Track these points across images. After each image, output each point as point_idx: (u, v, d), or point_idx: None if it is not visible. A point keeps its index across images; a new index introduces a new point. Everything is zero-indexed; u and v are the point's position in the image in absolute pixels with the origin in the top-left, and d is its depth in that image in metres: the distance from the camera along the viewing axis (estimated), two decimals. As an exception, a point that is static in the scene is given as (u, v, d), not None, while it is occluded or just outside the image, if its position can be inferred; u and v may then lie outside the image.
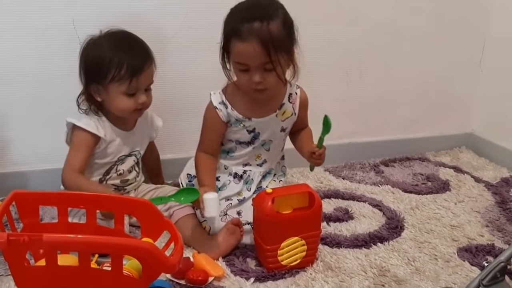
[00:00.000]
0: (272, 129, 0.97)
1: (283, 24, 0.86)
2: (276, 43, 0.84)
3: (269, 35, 0.83)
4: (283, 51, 0.86)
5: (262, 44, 0.83)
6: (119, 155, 0.98)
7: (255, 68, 0.86)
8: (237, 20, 0.85)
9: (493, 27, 1.41)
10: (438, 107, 1.47)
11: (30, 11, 1.03)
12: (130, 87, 0.91)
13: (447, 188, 1.24)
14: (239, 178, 0.99)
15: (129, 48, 0.92)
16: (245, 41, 0.83)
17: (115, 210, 0.73)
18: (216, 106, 0.95)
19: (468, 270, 0.90)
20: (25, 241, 0.56)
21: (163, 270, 0.62)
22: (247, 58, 0.85)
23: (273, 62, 0.84)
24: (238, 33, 0.84)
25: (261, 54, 0.83)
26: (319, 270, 0.88)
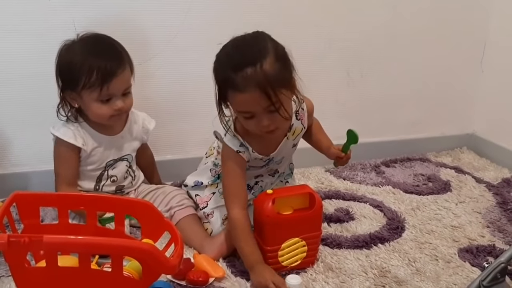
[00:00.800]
0: (285, 151, 0.95)
1: (275, 59, 0.80)
2: (275, 83, 0.79)
3: (265, 78, 0.78)
4: (283, 87, 0.81)
5: (262, 90, 0.78)
6: (107, 160, 0.96)
7: (260, 114, 0.81)
8: (228, 69, 0.79)
9: (494, 28, 1.41)
10: (439, 107, 1.47)
11: (31, 12, 1.03)
12: (102, 94, 0.88)
13: (448, 189, 1.24)
14: (250, 189, 0.97)
15: (99, 53, 0.88)
16: (243, 92, 0.78)
17: (115, 211, 0.73)
18: (239, 150, 0.88)
19: (468, 270, 0.89)
20: (26, 242, 0.56)
21: (163, 271, 0.62)
22: (250, 107, 0.81)
23: (275, 104, 0.79)
24: (233, 85, 0.79)
25: (263, 100, 0.79)
26: (319, 271, 0.88)
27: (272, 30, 1.29)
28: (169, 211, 0.97)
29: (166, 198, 0.99)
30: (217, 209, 0.96)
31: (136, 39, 1.09)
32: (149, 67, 1.12)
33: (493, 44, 1.42)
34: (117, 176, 0.99)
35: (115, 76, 0.88)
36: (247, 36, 0.83)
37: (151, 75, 1.13)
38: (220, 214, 0.95)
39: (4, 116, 1.08)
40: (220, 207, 0.95)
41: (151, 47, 1.13)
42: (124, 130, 0.99)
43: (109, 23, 1.06)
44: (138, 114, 1.03)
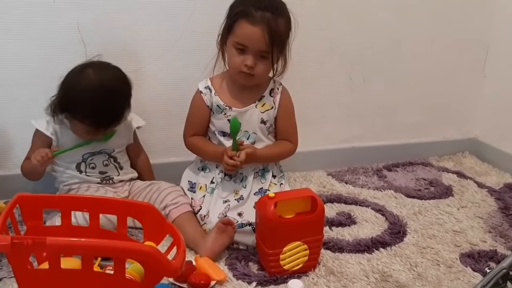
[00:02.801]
0: (252, 119, 1.00)
1: (286, 23, 0.93)
2: (279, 37, 0.91)
3: (277, 28, 0.90)
4: (280, 47, 0.93)
5: (269, 33, 0.89)
6: (82, 154, 1.00)
7: (252, 52, 0.91)
8: (250, 5, 0.90)
9: (497, 32, 1.41)
10: (442, 112, 1.47)
11: (35, 14, 1.04)
12: (88, 133, 0.96)
13: (450, 193, 1.24)
14: (230, 176, 1.00)
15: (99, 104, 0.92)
16: (255, 25, 0.89)
17: (118, 214, 0.73)
18: (202, 90, 1.00)
19: (470, 276, 0.89)
20: (29, 245, 0.56)
21: (165, 274, 0.62)
22: (250, 41, 0.90)
23: (272, 52, 0.91)
24: (249, 16, 0.90)
25: (264, 42, 0.89)
26: (321, 275, 0.88)
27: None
28: (164, 209, 0.97)
29: (161, 195, 0.99)
30: (212, 209, 0.96)
31: (138, 42, 1.10)
32: (150, 70, 1.12)
33: (496, 49, 1.42)
34: (96, 163, 1.02)
35: (101, 132, 0.97)
36: None
37: (153, 78, 1.14)
38: (215, 212, 0.95)
39: (7, 117, 1.09)
40: (213, 206, 0.97)
41: (153, 49, 1.13)
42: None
43: (112, 26, 1.07)
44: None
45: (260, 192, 0.99)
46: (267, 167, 1.03)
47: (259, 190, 1.00)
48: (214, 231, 0.90)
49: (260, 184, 1.01)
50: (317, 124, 1.35)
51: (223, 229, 0.89)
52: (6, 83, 1.06)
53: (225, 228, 0.89)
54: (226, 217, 0.92)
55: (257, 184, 1.01)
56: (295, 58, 1.27)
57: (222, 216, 0.94)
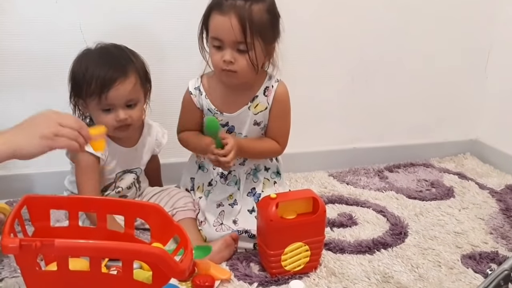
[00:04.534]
0: (245, 122, 0.94)
1: (267, 10, 0.85)
2: (255, 25, 0.83)
3: (249, 14, 0.82)
4: (260, 37, 0.84)
5: (240, 21, 0.82)
6: (117, 171, 0.96)
7: (228, 46, 0.84)
8: None
9: (499, 33, 1.41)
10: (443, 113, 1.47)
11: (37, 15, 1.04)
12: (102, 103, 0.87)
13: (451, 195, 1.24)
14: (225, 178, 0.98)
15: (102, 62, 0.88)
16: (224, 14, 0.82)
17: (125, 214, 0.74)
18: (191, 91, 0.96)
19: (471, 277, 0.90)
20: (37, 246, 0.57)
21: (173, 275, 0.63)
22: (222, 33, 0.83)
23: (247, 43, 0.82)
24: (219, 6, 0.83)
25: (237, 31, 0.82)
26: (322, 276, 0.88)
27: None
28: (172, 211, 0.97)
29: (171, 201, 1.00)
30: (208, 215, 0.96)
31: (141, 42, 1.09)
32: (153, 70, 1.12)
33: (497, 51, 1.43)
34: (122, 187, 0.99)
35: (112, 86, 0.87)
36: None
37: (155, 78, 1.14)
38: (210, 219, 0.95)
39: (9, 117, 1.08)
40: (208, 211, 0.96)
41: (156, 50, 1.14)
42: (139, 143, 0.99)
43: (115, 26, 1.07)
44: (152, 126, 1.03)
45: (252, 192, 0.97)
46: (259, 166, 0.99)
47: (251, 190, 0.97)
48: (220, 243, 0.89)
49: (252, 183, 0.98)
50: (318, 125, 1.35)
51: (229, 243, 0.90)
52: (8, 83, 1.07)
53: (231, 243, 0.90)
54: (235, 233, 0.92)
55: (250, 184, 0.97)
56: (297, 59, 1.28)
57: (218, 224, 0.94)
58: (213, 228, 0.93)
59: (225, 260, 0.90)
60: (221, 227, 0.94)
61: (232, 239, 0.91)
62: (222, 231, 0.93)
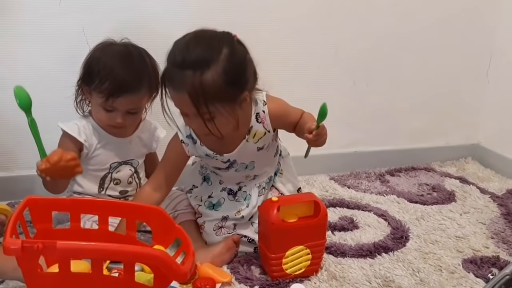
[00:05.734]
0: (248, 153, 0.90)
1: (223, 71, 0.76)
2: (209, 95, 0.75)
3: (199, 88, 0.75)
4: (220, 101, 0.77)
5: (191, 98, 0.75)
6: (111, 162, 0.96)
7: (192, 117, 0.79)
8: (171, 63, 0.78)
9: (500, 38, 1.42)
10: (445, 117, 1.48)
11: (41, 17, 1.05)
12: (107, 104, 0.89)
13: (452, 199, 1.24)
14: (234, 195, 0.96)
15: (124, 65, 0.89)
16: (176, 91, 0.77)
17: (127, 217, 0.74)
18: (183, 140, 0.88)
19: (472, 282, 0.90)
20: (39, 248, 0.57)
21: (175, 278, 0.63)
22: (181, 106, 0.80)
23: (202, 115, 0.77)
24: (170, 80, 0.78)
25: (189, 105, 0.77)
26: (323, 279, 0.88)
27: (278, 39, 1.30)
28: (173, 213, 0.98)
29: (172, 203, 1.00)
30: (207, 220, 0.95)
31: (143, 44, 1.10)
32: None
33: (499, 55, 1.43)
34: (121, 179, 0.99)
35: (124, 94, 0.88)
36: (210, 33, 0.80)
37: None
38: (211, 224, 0.94)
39: (12, 119, 1.10)
40: (208, 217, 0.95)
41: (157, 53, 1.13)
42: (134, 135, 1.00)
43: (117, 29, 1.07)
44: (150, 122, 1.03)
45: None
46: (272, 178, 0.98)
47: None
48: (221, 246, 0.89)
49: (269, 195, 0.97)
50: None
51: (231, 246, 0.90)
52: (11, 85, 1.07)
53: (232, 246, 0.90)
54: (237, 236, 0.92)
55: (268, 195, 0.97)
56: (299, 63, 1.29)
57: (217, 228, 0.93)
58: (213, 232, 0.93)
59: (226, 263, 0.90)
60: (220, 231, 0.94)
61: (234, 242, 0.91)
62: (222, 234, 0.93)
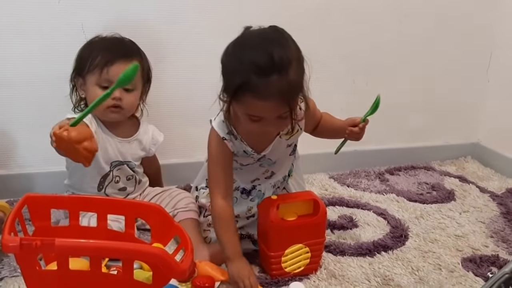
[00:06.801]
0: (278, 150, 0.90)
1: (297, 64, 0.75)
2: (296, 91, 0.75)
3: (289, 88, 0.73)
4: (300, 93, 0.78)
5: (284, 100, 0.73)
6: (112, 161, 0.96)
7: (270, 120, 0.77)
8: (251, 72, 0.72)
9: (500, 37, 1.42)
10: (444, 116, 1.47)
11: (40, 15, 1.04)
12: (102, 78, 0.90)
13: (452, 198, 1.24)
14: (247, 194, 0.95)
15: (110, 45, 0.93)
16: (265, 100, 0.72)
17: (126, 214, 0.74)
18: (225, 137, 0.84)
19: (472, 280, 0.90)
20: (38, 246, 0.57)
21: (173, 275, 0.63)
22: (264, 113, 0.76)
23: (292, 110, 0.76)
24: (254, 90, 0.72)
25: (282, 108, 0.75)
26: (322, 278, 0.88)
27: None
28: (173, 211, 0.98)
29: (172, 201, 1.00)
30: None
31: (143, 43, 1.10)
32: (155, 71, 1.13)
33: (499, 54, 1.43)
34: (120, 176, 0.99)
35: (116, 62, 0.90)
36: (269, 32, 0.77)
37: (157, 79, 1.14)
38: None
39: (10, 117, 1.10)
40: None
41: (158, 51, 1.14)
42: (133, 137, 1.00)
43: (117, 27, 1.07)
44: (149, 126, 1.04)
45: None
46: (286, 178, 0.97)
47: None
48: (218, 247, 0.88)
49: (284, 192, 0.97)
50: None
51: None
52: (10, 83, 1.07)
53: None
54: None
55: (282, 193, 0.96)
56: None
57: None
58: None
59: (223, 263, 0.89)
60: None
61: None
62: None
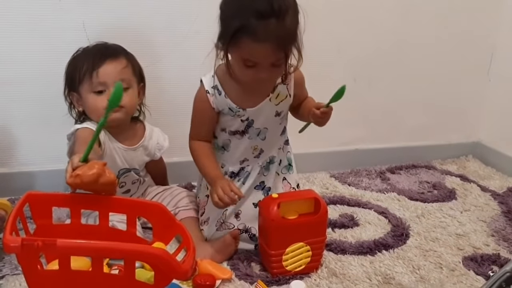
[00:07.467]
0: (266, 115, 0.90)
1: (294, 13, 0.78)
2: (292, 38, 0.78)
3: (286, 34, 0.76)
4: (295, 42, 0.80)
5: (280, 45, 0.76)
6: (119, 169, 0.96)
7: (264, 66, 0.79)
8: (250, 15, 0.74)
9: (502, 37, 1.41)
10: (446, 115, 1.47)
11: (41, 13, 1.04)
12: (94, 83, 0.88)
13: (453, 197, 1.24)
14: (235, 176, 0.94)
15: (93, 51, 0.92)
16: (261, 42, 0.75)
17: (127, 213, 0.74)
18: (208, 90, 0.87)
19: (473, 279, 0.90)
20: (39, 246, 0.57)
21: (175, 276, 0.62)
22: (260, 58, 0.78)
23: (286, 57, 0.79)
24: (252, 33, 0.74)
25: (277, 54, 0.77)
26: (323, 276, 0.88)
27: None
28: (175, 210, 0.98)
29: (173, 200, 1.00)
30: (212, 215, 0.94)
31: (143, 42, 1.11)
32: (155, 69, 1.13)
33: (500, 54, 1.42)
34: (126, 182, 0.99)
35: (103, 63, 0.89)
36: None
37: (157, 78, 1.14)
38: (214, 218, 0.94)
39: (12, 115, 1.10)
40: (212, 211, 0.94)
41: (158, 49, 1.14)
42: (139, 144, 0.99)
43: (118, 25, 1.08)
44: (154, 130, 1.03)
45: (260, 186, 0.94)
46: (274, 159, 0.95)
47: (260, 184, 0.94)
48: (220, 242, 0.89)
49: (262, 177, 0.94)
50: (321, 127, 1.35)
51: (229, 242, 0.89)
52: (11, 81, 1.07)
53: (231, 242, 0.89)
54: (236, 230, 0.91)
55: (259, 178, 0.94)
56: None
57: (219, 224, 0.93)
58: (214, 228, 0.93)
59: (226, 259, 0.90)
60: (221, 226, 0.93)
61: (232, 238, 0.90)
62: (223, 230, 0.93)
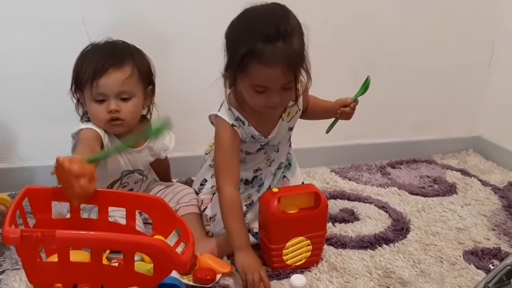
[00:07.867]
0: (281, 134, 0.93)
1: (299, 35, 0.79)
2: (300, 59, 0.79)
3: (294, 55, 0.77)
4: (303, 63, 0.81)
5: (289, 67, 0.76)
6: (123, 170, 0.95)
7: (274, 90, 0.79)
8: (257, 40, 0.75)
9: (502, 30, 1.41)
10: (446, 109, 1.47)
11: (40, 7, 1.04)
12: (94, 92, 0.86)
13: (453, 191, 1.24)
14: (249, 183, 0.97)
15: (101, 53, 0.88)
16: (270, 66, 0.75)
17: (127, 207, 0.74)
18: (234, 124, 0.86)
19: (473, 273, 0.90)
20: (38, 237, 0.57)
21: (174, 267, 0.63)
22: (269, 82, 0.78)
23: (296, 79, 0.79)
24: (260, 56, 0.75)
25: (287, 76, 0.77)
26: (324, 271, 0.88)
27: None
28: (176, 206, 0.98)
29: (175, 197, 1.00)
30: (219, 212, 0.93)
31: (144, 35, 1.10)
32: (156, 63, 1.12)
33: (501, 47, 1.42)
34: (129, 182, 0.99)
35: (105, 73, 0.85)
36: (272, 6, 0.80)
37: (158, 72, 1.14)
38: (220, 217, 0.92)
39: (12, 110, 1.10)
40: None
41: (159, 43, 1.13)
42: (144, 146, 0.97)
43: (118, 19, 1.07)
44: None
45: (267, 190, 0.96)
46: (281, 165, 0.98)
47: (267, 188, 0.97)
48: (222, 237, 0.89)
49: (269, 182, 0.98)
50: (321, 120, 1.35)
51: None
52: (10, 76, 1.07)
53: None
54: None
55: (268, 183, 0.97)
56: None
57: None
58: (221, 225, 0.92)
59: (226, 254, 0.90)
60: None
61: None
62: None
